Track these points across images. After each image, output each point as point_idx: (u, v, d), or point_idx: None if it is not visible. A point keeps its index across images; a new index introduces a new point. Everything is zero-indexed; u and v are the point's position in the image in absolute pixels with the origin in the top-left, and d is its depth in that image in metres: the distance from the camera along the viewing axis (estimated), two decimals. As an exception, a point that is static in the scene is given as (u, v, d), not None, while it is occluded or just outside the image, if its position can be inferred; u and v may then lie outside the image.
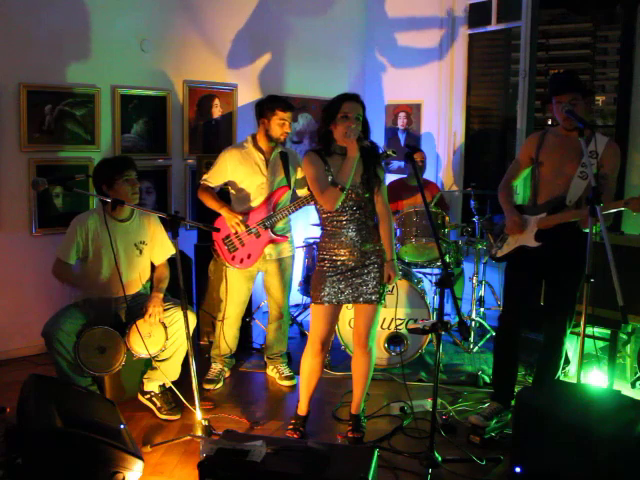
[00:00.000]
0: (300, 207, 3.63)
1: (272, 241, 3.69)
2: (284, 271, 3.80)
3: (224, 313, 3.82)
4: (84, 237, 3.32)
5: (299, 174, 3.80)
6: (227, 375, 3.94)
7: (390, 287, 3.09)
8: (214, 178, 3.70)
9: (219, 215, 3.66)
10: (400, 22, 5.63)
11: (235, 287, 3.78)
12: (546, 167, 3.18)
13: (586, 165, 3.01)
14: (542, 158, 3.19)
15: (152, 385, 3.42)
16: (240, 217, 3.59)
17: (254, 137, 3.71)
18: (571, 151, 3.09)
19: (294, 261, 3.91)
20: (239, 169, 3.66)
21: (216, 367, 3.88)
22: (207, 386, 3.75)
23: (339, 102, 2.89)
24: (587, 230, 3.00)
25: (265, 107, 3.62)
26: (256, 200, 3.68)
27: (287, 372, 3.90)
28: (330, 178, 2.91)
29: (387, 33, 5.68)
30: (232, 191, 3.75)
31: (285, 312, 3.91)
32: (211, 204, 3.66)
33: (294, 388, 3.77)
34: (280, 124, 3.59)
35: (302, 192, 3.76)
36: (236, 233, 3.63)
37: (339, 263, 2.98)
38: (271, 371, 3.98)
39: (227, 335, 3.84)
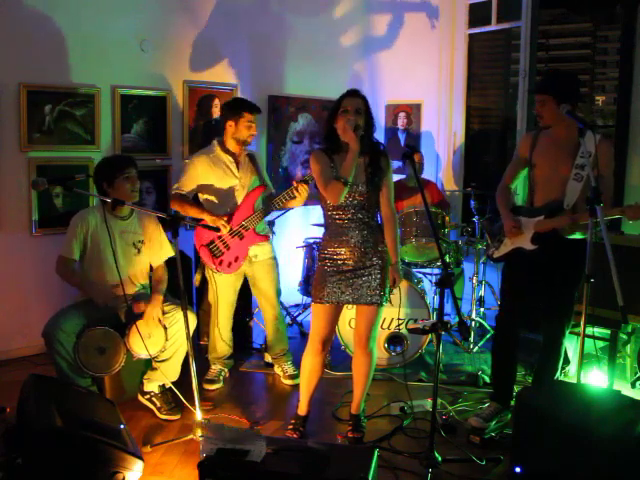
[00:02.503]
0: (277, 208, 3.65)
1: (256, 241, 3.69)
2: (270, 272, 3.81)
3: (217, 318, 3.82)
4: (84, 232, 3.33)
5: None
6: (226, 375, 3.94)
7: (394, 290, 3.10)
8: (186, 185, 3.65)
9: (201, 221, 3.64)
10: (400, 22, 5.63)
11: (223, 291, 3.77)
12: (540, 169, 3.17)
13: (580, 167, 3.00)
14: (536, 160, 3.18)
15: (152, 385, 3.42)
16: (224, 219, 3.58)
17: (221, 141, 3.71)
18: (563, 153, 3.08)
19: (277, 262, 3.90)
20: (210, 174, 3.64)
21: (215, 368, 3.89)
22: (207, 386, 3.75)
23: (340, 99, 2.93)
24: (571, 237, 3.02)
25: (232, 110, 3.63)
26: (233, 203, 3.67)
27: (291, 371, 3.90)
28: (334, 174, 2.92)
29: (387, 33, 5.68)
30: (205, 197, 3.71)
31: (278, 312, 3.90)
32: (190, 211, 3.59)
33: (297, 387, 3.77)
34: (247, 126, 3.60)
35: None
36: (220, 237, 3.62)
37: (340, 262, 2.98)
38: (277, 369, 3.99)
39: (220, 338, 3.85)
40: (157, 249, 3.56)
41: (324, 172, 2.93)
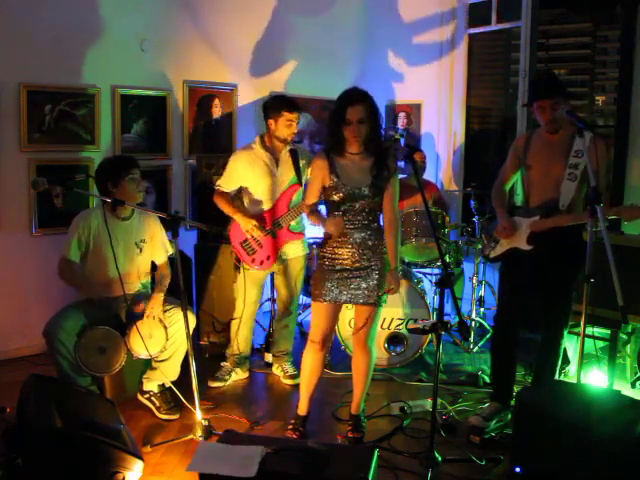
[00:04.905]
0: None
1: (289, 239, 3.70)
2: (296, 269, 3.82)
3: (238, 313, 3.84)
4: (86, 233, 3.33)
5: (309, 172, 3.80)
6: (241, 377, 3.91)
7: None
8: (227, 183, 3.71)
9: (231, 220, 3.69)
10: (400, 22, 5.63)
11: (250, 287, 3.80)
12: (534, 170, 3.17)
13: (573, 166, 3.00)
14: (529, 161, 3.18)
15: (151, 385, 3.42)
16: (254, 221, 3.60)
17: (262, 137, 3.72)
18: (556, 153, 3.08)
19: (306, 260, 3.92)
20: (249, 172, 3.66)
21: (226, 366, 3.89)
22: (211, 384, 3.77)
23: (344, 107, 2.86)
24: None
25: (271, 108, 3.62)
26: (269, 200, 3.68)
27: (291, 371, 3.90)
28: (333, 181, 2.93)
29: (387, 33, 5.68)
30: (246, 194, 3.75)
31: (294, 310, 3.92)
32: (225, 209, 3.67)
33: (297, 387, 3.76)
34: (287, 125, 3.59)
35: None
36: (252, 236, 3.64)
37: (338, 262, 2.98)
38: (276, 369, 3.99)
39: (241, 335, 3.86)
40: (159, 247, 3.56)
41: (311, 185, 3.04)
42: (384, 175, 2.94)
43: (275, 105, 3.61)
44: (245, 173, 3.67)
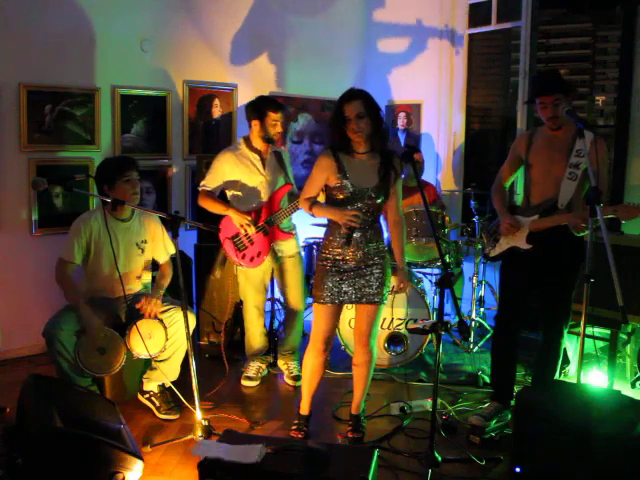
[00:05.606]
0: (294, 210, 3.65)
1: (280, 238, 3.72)
2: (295, 268, 3.83)
3: (247, 314, 3.87)
4: (88, 236, 3.32)
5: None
6: (264, 373, 3.96)
7: (390, 288, 3.10)
8: (212, 182, 3.70)
9: (221, 216, 3.68)
10: (400, 22, 5.63)
11: (250, 287, 3.81)
12: (535, 168, 3.16)
13: (574, 166, 3.00)
14: (531, 160, 3.18)
15: (151, 385, 3.42)
16: (249, 218, 3.61)
17: (246, 139, 3.74)
18: (558, 152, 3.08)
19: (302, 258, 3.94)
20: (236, 170, 3.67)
21: (254, 365, 3.90)
22: (245, 383, 3.81)
23: (341, 106, 2.87)
24: (580, 234, 3.00)
25: (256, 109, 3.64)
26: (258, 199, 3.69)
27: (296, 371, 3.89)
28: (339, 181, 2.90)
29: (387, 33, 5.68)
30: (232, 193, 3.75)
31: (299, 309, 3.92)
32: (215, 208, 3.66)
33: (297, 388, 3.76)
34: (272, 125, 3.62)
35: None
36: (245, 232, 3.64)
37: (341, 262, 2.98)
38: (282, 365, 3.99)
39: (254, 334, 3.88)
40: (161, 247, 3.56)
41: (312, 182, 2.99)
42: (391, 176, 2.94)
43: (259, 106, 3.64)
44: (232, 172, 3.67)
